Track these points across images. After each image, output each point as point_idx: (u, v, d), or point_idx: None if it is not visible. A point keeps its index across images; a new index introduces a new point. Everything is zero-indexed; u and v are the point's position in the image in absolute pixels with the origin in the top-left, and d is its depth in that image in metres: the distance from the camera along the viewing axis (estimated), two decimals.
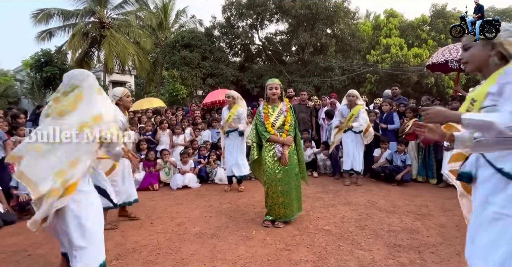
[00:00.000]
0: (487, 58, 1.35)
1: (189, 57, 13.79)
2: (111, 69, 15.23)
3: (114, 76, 18.40)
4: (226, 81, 14.33)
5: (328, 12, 14.27)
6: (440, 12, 16.36)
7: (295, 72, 15.29)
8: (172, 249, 2.62)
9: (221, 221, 3.31)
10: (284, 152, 3.08)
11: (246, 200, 4.17)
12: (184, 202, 4.14)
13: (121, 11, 15.80)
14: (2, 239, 3.00)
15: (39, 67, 14.19)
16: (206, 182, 5.32)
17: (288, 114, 3.18)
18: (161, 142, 5.65)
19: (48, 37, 14.85)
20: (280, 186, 3.09)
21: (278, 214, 3.12)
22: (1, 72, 22.67)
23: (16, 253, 2.64)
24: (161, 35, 17.70)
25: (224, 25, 15.82)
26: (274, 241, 2.75)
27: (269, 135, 3.13)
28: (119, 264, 2.38)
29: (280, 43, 17.15)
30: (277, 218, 3.13)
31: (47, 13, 14.32)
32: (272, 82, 3.22)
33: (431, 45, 15.13)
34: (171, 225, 3.23)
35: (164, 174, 5.22)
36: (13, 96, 19.37)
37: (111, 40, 14.02)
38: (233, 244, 2.69)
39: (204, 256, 2.47)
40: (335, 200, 4.01)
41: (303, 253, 2.49)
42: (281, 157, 3.08)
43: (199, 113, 6.81)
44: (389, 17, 16.77)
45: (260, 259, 2.41)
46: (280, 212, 3.11)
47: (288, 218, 3.13)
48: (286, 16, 15.22)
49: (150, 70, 16.75)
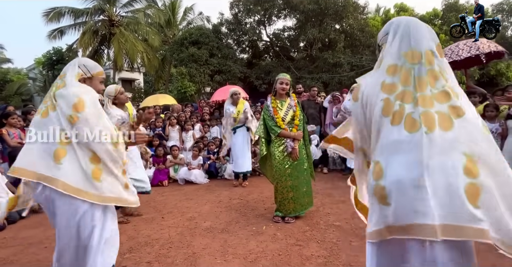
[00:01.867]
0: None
1: (197, 54, 13.82)
2: (120, 67, 15.42)
3: (123, 73, 18.62)
4: (234, 77, 14.31)
5: (337, 7, 14.06)
6: (452, 6, 15.96)
7: (303, 68, 15.17)
8: (183, 243, 2.65)
9: (231, 216, 3.33)
10: (295, 146, 3.08)
11: (255, 195, 4.18)
12: (194, 197, 4.18)
13: (130, 9, 15.96)
14: (19, 231, 3.09)
15: (51, 65, 14.51)
16: (215, 178, 5.36)
17: (297, 109, 3.18)
18: (170, 138, 5.71)
19: (59, 35, 15.11)
20: (290, 181, 3.09)
21: (288, 209, 3.12)
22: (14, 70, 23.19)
23: (32, 245, 2.71)
24: (169, 33, 17.79)
25: (232, 21, 15.77)
26: (285, 236, 2.75)
27: (280, 129, 3.11)
28: (132, 257, 2.42)
29: (288, 39, 17.01)
30: (287, 214, 3.12)
31: (58, 11, 14.56)
32: (283, 77, 3.20)
33: (443, 40, 14.78)
34: (182, 219, 3.27)
35: (173, 171, 5.27)
36: (26, 94, 19.82)
37: (120, 38, 14.18)
38: (244, 239, 2.71)
39: (215, 250, 2.49)
40: (345, 196, 3.97)
41: (314, 249, 2.48)
42: (292, 151, 3.08)
43: (208, 110, 6.84)
44: (399, 11, 16.46)
45: (271, 254, 2.42)
46: (290, 207, 3.11)
47: (298, 213, 3.13)
48: (294, 12, 15.07)
49: (158, 67, 16.88)
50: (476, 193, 0.99)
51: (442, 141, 1.04)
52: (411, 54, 1.15)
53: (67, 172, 1.54)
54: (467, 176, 1.00)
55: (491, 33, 5.35)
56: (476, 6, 5.65)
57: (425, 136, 1.04)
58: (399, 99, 1.12)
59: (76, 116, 1.56)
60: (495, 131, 4.32)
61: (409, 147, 1.06)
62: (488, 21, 5.37)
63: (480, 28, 5.39)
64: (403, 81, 1.14)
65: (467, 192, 0.98)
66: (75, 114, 1.57)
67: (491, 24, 5.33)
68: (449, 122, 1.06)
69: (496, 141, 4.29)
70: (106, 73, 19.91)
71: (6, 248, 2.69)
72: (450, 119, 1.06)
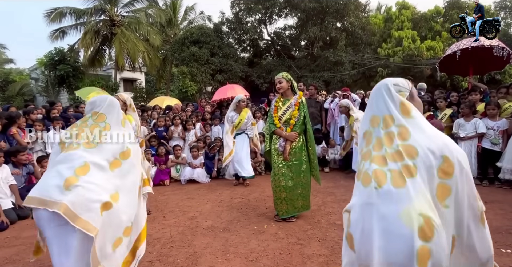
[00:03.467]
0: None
1: (198, 53, 13.81)
2: (121, 67, 15.44)
3: (125, 73, 18.65)
4: (235, 77, 14.30)
5: (338, 5, 14.00)
6: (454, 3, 15.83)
7: (305, 67, 15.13)
8: (185, 242, 2.66)
9: (232, 215, 3.33)
10: (286, 147, 3.05)
11: (257, 194, 4.18)
12: (196, 197, 4.19)
13: (131, 8, 15.95)
14: (22, 231, 3.11)
15: (53, 66, 14.52)
16: (216, 177, 5.37)
17: (296, 109, 3.08)
18: (173, 138, 5.72)
19: (61, 35, 15.13)
20: (283, 181, 3.06)
21: (280, 210, 3.10)
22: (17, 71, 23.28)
23: None
24: (170, 32, 17.78)
25: (233, 20, 15.75)
26: (286, 235, 2.75)
27: (275, 127, 3.13)
28: None
29: (289, 37, 16.97)
30: (280, 214, 3.10)
31: (60, 12, 14.58)
32: (276, 77, 3.20)
33: (445, 37, 14.71)
34: (183, 219, 3.28)
35: (175, 171, 5.28)
36: (29, 94, 19.88)
37: (121, 38, 14.19)
38: (245, 238, 2.71)
39: (217, 249, 2.50)
40: (347, 195, 3.97)
41: (316, 248, 2.48)
42: (283, 151, 3.07)
43: (209, 109, 6.84)
44: (401, 9, 16.36)
45: (272, 252, 2.42)
46: (283, 208, 3.08)
47: (290, 214, 3.09)
48: (295, 10, 15.03)
49: (159, 67, 16.89)
50: (426, 256, 1.04)
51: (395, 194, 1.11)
52: (373, 119, 1.30)
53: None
54: (421, 239, 1.05)
55: (491, 33, 5.33)
56: (476, 6, 5.63)
57: (375, 191, 1.14)
58: (362, 159, 1.28)
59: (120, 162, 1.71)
60: (497, 129, 4.31)
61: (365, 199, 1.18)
62: (488, 21, 5.35)
63: (480, 28, 5.37)
64: (366, 143, 1.29)
65: (419, 256, 1.03)
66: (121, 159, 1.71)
67: (491, 24, 5.31)
68: (403, 181, 1.12)
69: (498, 139, 4.27)
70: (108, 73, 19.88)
71: (9, 248, 2.71)
72: (403, 178, 1.12)
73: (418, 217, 1.05)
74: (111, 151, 1.68)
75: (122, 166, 1.70)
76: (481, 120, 4.42)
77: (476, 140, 4.42)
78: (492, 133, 4.30)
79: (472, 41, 5.43)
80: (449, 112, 4.85)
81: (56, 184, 1.49)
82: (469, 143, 4.45)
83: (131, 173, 1.75)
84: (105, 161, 1.64)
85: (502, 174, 4.13)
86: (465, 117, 4.53)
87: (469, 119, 4.50)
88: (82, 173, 1.54)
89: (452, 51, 5.67)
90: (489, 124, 4.36)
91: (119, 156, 1.71)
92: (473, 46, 5.36)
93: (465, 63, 5.96)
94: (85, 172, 1.56)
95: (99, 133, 1.69)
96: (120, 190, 1.66)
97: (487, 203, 3.52)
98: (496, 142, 4.27)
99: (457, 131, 4.54)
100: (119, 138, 1.74)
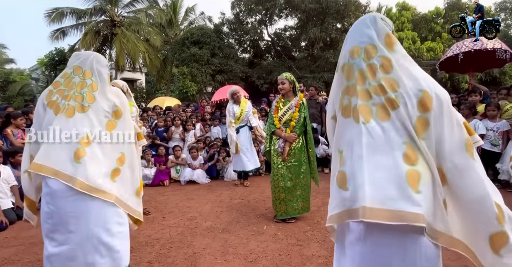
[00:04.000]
0: None
1: (199, 54, 13.83)
2: (122, 67, 15.45)
3: (125, 73, 18.67)
4: (235, 77, 14.31)
5: (338, 6, 14.01)
6: (455, 4, 15.86)
7: (305, 67, 15.14)
8: (184, 243, 2.65)
9: (232, 216, 3.33)
10: (285, 148, 3.05)
11: (256, 195, 4.17)
12: (195, 197, 4.18)
13: (131, 9, 15.97)
14: (21, 231, 3.11)
15: (53, 66, 14.57)
16: (216, 178, 5.36)
17: (297, 110, 3.10)
18: (173, 139, 5.71)
19: (62, 36, 15.15)
20: (282, 181, 3.06)
21: (279, 211, 3.10)
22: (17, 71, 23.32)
23: (34, 245, 2.72)
24: (171, 33, 17.80)
25: (233, 21, 15.77)
26: (285, 236, 2.75)
27: (275, 128, 3.13)
28: (132, 257, 2.42)
29: (289, 38, 16.98)
30: (278, 215, 3.10)
31: (60, 12, 14.60)
32: (279, 77, 3.21)
33: (445, 38, 14.72)
34: (183, 219, 3.27)
35: (175, 172, 5.28)
36: (29, 94, 19.90)
37: (122, 38, 14.20)
38: (244, 239, 2.71)
39: (216, 250, 2.49)
40: None
41: (315, 249, 2.48)
42: (282, 152, 3.07)
43: (209, 109, 6.84)
44: (401, 10, 16.38)
45: (272, 253, 2.41)
46: (281, 209, 3.08)
47: (289, 216, 3.08)
48: (296, 11, 15.04)
49: (160, 67, 16.90)
50: (416, 178, 1.03)
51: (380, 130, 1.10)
52: (353, 50, 1.22)
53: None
54: (407, 163, 1.04)
55: (491, 33, 5.33)
56: (476, 6, 5.63)
57: (363, 127, 1.11)
58: (346, 94, 1.21)
59: (115, 121, 1.77)
60: (496, 130, 4.31)
61: (357, 138, 1.12)
62: (488, 21, 5.35)
63: (480, 28, 5.37)
64: (346, 77, 1.22)
65: (408, 178, 1.02)
66: (115, 120, 1.77)
67: (491, 24, 5.31)
68: (387, 113, 1.11)
69: (498, 140, 4.27)
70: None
71: (8, 248, 2.71)
72: (387, 110, 1.11)
73: (401, 145, 1.07)
74: (103, 112, 1.73)
75: (117, 126, 1.77)
76: (480, 121, 4.42)
77: None
78: (492, 134, 4.30)
79: (473, 41, 5.42)
80: None
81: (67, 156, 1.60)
82: None
83: (127, 129, 1.82)
84: (101, 127, 1.71)
85: (502, 176, 4.14)
86: (465, 118, 4.53)
87: (469, 120, 4.49)
88: (86, 144, 1.63)
89: (454, 53, 5.63)
90: (488, 125, 4.36)
91: (112, 116, 1.77)
92: (476, 49, 5.33)
93: (465, 63, 5.95)
94: (88, 143, 1.64)
95: (88, 93, 1.72)
96: (124, 151, 1.78)
97: None
98: (496, 143, 4.27)
99: None
100: (107, 96, 1.77)
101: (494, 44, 5.24)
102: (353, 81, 1.19)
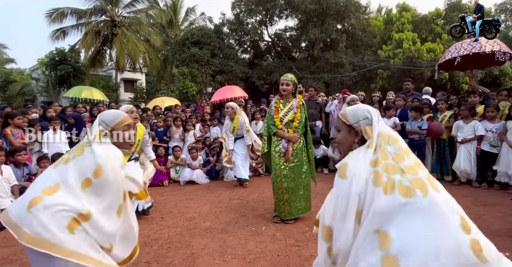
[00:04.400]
0: (352, 144, 1.40)
1: (199, 54, 13.83)
2: (122, 67, 15.46)
3: (126, 74, 18.69)
4: (235, 78, 14.31)
5: (339, 7, 14.01)
6: (455, 5, 15.83)
7: (305, 68, 15.14)
8: (182, 243, 2.65)
9: (231, 217, 3.33)
10: (289, 148, 3.05)
11: (255, 196, 4.17)
12: (194, 198, 4.18)
13: (132, 9, 16.01)
14: None
15: (54, 66, 14.56)
16: (215, 178, 5.36)
17: (298, 111, 3.12)
18: (173, 139, 5.72)
19: (62, 36, 15.17)
20: (286, 182, 3.06)
21: (282, 211, 3.10)
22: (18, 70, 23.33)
23: None
24: (171, 33, 17.81)
25: (234, 21, 15.77)
26: (284, 237, 2.75)
27: (276, 129, 3.12)
28: None
29: (289, 39, 16.98)
30: (282, 216, 3.10)
31: (61, 12, 14.62)
32: (284, 78, 3.18)
33: (446, 40, 14.71)
34: (182, 220, 3.27)
35: (174, 172, 5.28)
36: (29, 94, 19.92)
37: (122, 38, 14.21)
38: (243, 239, 2.70)
39: (214, 251, 2.49)
40: None
41: (313, 249, 2.47)
42: (285, 153, 3.06)
43: (209, 110, 6.84)
44: (401, 11, 16.36)
45: (270, 254, 2.41)
46: (285, 210, 3.08)
47: (293, 216, 3.09)
48: (296, 12, 15.05)
49: (160, 67, 16.92)
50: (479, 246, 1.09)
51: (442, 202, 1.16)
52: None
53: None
54: (465, 233, 1.10)
55: (491, 33, 5.30)
56: (476, 6, 5.62)
57: (423, 199, 1.14)
58: (385, 171, 1.21)
59: (92, 181, 1.54)
60: (496, 131, 4.31)
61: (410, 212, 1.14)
62: (488, 21, 5.33)
63: (480, 28, 5.35)
64: (383, 156, 1.25)
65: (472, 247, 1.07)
66: (92, 178, 1.54)
67: (491, 24, 5.29)
68: (436, 186, 1.19)
69: (497, 141, 4.28)
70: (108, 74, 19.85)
71: (7, 248, 2.71)
72: (434, 183, 1.20)
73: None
74: (82, 168, 1.55)
75: (93, 185, 1.54)
76: (480, 122, 4.42)
77: (475, 142, 4.42)
78: (491, 136, 4.31)
79: (472, 41, 5.38)
80: (449, 114, 4.85)
81: (22, 204, 1.51)
82: (468, 145, 4.45)
83: (106, 192, 1.58)
84: (77, 181, 1.53)
85: (498, 177, 4.15)
86: (465, 119, 4.54)
87: (468, 121, 4.50)
88: (49, 193, 1.49)
89: (452, 57, 5.54)
90: (488, 126, 4.36)
91: (91, 175, 1.54)
92: (474, 52, 5.27)
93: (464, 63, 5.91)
94: (52, 192, 1.49)
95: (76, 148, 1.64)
96: (93, 209, 1.53)
97: (486, 205, 3.52)
98: (495, 144, 4.27)
99: (456, 133, 4.54)
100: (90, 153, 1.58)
101: (493, 46, 5.16)
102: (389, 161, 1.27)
